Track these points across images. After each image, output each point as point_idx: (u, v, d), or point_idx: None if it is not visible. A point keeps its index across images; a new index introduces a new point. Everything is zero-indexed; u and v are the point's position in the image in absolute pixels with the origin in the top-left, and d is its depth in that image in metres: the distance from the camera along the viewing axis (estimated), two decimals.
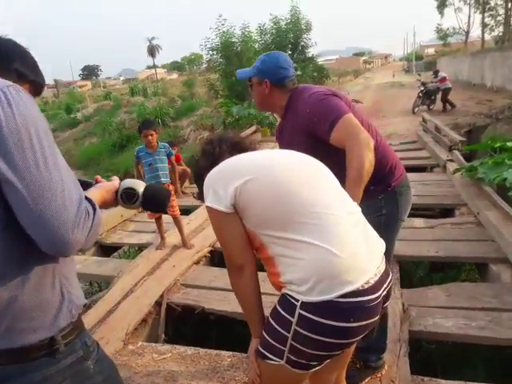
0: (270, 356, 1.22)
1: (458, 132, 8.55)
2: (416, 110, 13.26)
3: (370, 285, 1.16)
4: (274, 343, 1.21)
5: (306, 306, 1.13)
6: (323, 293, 1.12)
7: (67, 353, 0.94)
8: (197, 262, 3.81)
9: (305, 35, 18.65)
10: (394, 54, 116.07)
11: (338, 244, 1.15)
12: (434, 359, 2.61)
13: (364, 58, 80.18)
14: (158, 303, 3.12)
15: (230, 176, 1.24)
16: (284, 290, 1.21)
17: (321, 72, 20.42)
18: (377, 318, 1.21)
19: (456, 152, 6.35)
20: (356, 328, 1.16)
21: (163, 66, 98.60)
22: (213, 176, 1.29)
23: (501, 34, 32.89)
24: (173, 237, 4.25)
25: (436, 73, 13.99)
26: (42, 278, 0.90)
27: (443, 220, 4.39)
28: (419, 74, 16.23)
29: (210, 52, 15.74)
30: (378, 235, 1.32)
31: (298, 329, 1.14)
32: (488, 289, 2.94)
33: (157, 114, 17.17)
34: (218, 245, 4.14)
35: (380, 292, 1.19)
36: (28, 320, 0.88)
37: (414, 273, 4.01)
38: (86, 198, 0.91)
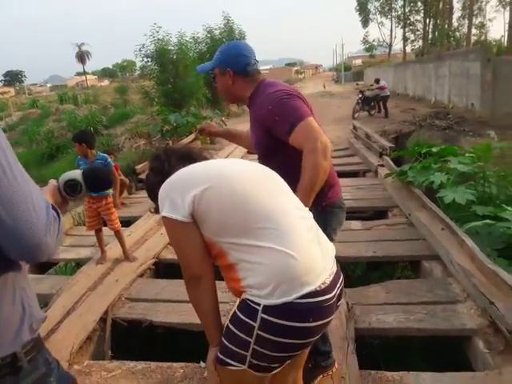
0: (232, 362, 1.23)
1: (387, 138, 9.13)
2: (356, 115, 14.22)
3: (326, 285, 1.22)
4: (236, 349, 1.22)
5: (267, 309, 1.16)
6: (283, 295, 1.15)
7: (30, 370, 0.90)
8: (141, 275, 3.70)
9: None
10: (324, 64, 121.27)
11: (295, 248, 1.19)
12: (378, 353, 2.75)
13: (296, 68, 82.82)
14: (103, 319, 2.98)
15: (187, 184, 1.24)
16: (244, 296, 1.22)
17: None
18: (332, 317, 1.27)
19: (386, 157, 6.77)
20: (315, 327, 1.21)
21: (93, 73, 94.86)
22: (168, 186, 1.28)
23: (420, 47, 35.68)
24: (114, 250, 4.09)
25: (377, 81, 15.22)
26: (2, 291, 0.87)
27: (378, 222, 4.65)
28: (357, 84, 17.28)
29: (145, 59, 15.43)
30: (328, 239, 1.39)
31: (261, 333, 1.17)
32: (422, 284, 3.17)
33: (89, 122, 16.48)
34: (163, 255, 4.08)
35: (334, 291, 1.25)
36: None
37: (352, 272, 4.21)
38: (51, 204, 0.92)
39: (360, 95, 14.58)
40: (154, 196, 1.38)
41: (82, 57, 76.91)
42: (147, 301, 3.22)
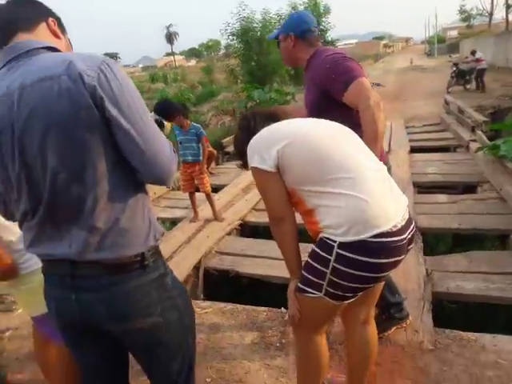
0: (310, 290, 1.41)
1: (482, 114, 8.53)
2: (450, 89, 13.39)
3: (398, 228, 1.34)
4: (314, 279, 1.39)
5: (342, 245, 1.32)
6: (357, 234, 1.30)
7: (153, 268, 1.16)
8: (229, 234, 4.06)
9: (323, 19, 18.54)
10: (415, 37, 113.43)
11: (369, 194, 1.33)
12: (456, 318, 2.79)
13: (384, 41, 78.60)
14: (196, 268, 3.38)
15: (271, 141, 1.42)
16: (322, 235, 1.39)
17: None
18: (403, 257, 1.40)
19: (479, 132, 6.39)
20: (385, 264, 1.34)
21: (181, 53, 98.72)
22: (255, 142, 1.46)
23: None
24: (205, 211, 4.50)
25: (473, 53, 13.97)
26: (136, 206, 1.12)
27: (466, 196, 4.51)
28: (450, 56, 16.14)
29: (230, 37, 15.81)
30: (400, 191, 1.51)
31: (336, 265, 1.34)
32: (508, 256, 3.10)
33: (178, 99, 17.38)
34: (248, 218, 4.40)
35: (405, 235, 1.37)
36: (127, 238, 1.10)
37: (436, 247, 4.17)
38: None
39: (454, 68, 13.62)
40: (240, 152, 1.58)
41: (170, 38, 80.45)
42: (234, 255, 3.56)
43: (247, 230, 4.40)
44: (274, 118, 1.58)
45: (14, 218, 1.16)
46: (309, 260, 1.44)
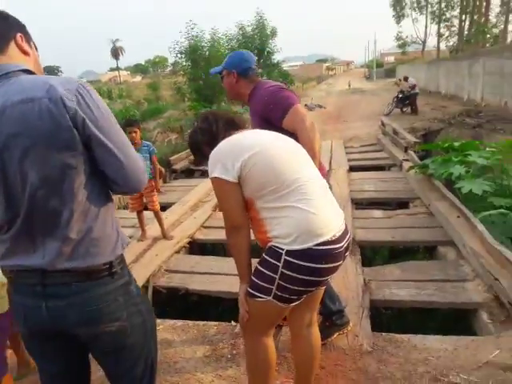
0: (259, 294, 1.55)
1: (415, 135, 9.26)
2: (392, 112, 14.50)
3: (336, 237, 1.53)
4: (264, 284, 1.54)
5: (289, 253, 1.48)
6: (303, 243, 1.47)
7: (120, 275, 1.25)
8: (177, 252, 4.10)
9: (270, 41, 19.21)
10: (355, 61, 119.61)
11: (316, 208, 1.51)
12: (391, 321, 3.04)
13: (327, 64, 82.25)
14: (145, 287, 3.39)
15: (236, 153, 1.51)
16: (270, 244, 1.54)
17: (285, 78, 21.05)
18: (341, 262, 1.58)
19: (411, 152, 6.95)
20: (327, 268, 1.52)
21: (126, 69, 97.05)
22: (220, 153, 1.54)
23: (455, 44, 34.80)
24: (153, 230, 4.52)
25: (406, 79, 15.22)
26: (106, 215, 1.21)
27: (399, 211, 4.90)
28: (400, 80, 17.29)
29: (179, 55, 15.92)
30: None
31: (284, 270, 1.49)
32: (435, 265, 3.43)
33: (123, 116, 17.14)
34: (197, 236, 4.47)
35: (343, 243, 1.56)
36: (98, 247, 1.18)
37: (373, 259, 4.47)
38: None
39: (400, 95, 14.76)
40: (197, 151, 1.71)
41: (116, 53, 78.95)
42: (184, 272, 3.61)
43: (196, 247, 4.46)
44: (234, 125, 1.69)
45: None
46: (258, 267, 1.58)
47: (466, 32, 33.38)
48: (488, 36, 31.16)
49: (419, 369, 2.23)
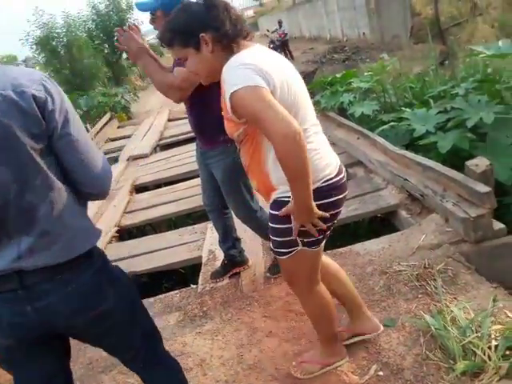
0: (289, 250, 1.55)
1: None
2: None
3: (338, 170, 1.56)
4: (286, 238, 1.53)
5: None
6: (312, 184, 1.38)
7: (97, 257, 1.26)
8: (110, 242, 3.98)
9: (129, 15, 18.16)
10: None
11: (320, 148, 1.52)
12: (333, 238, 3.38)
13: None
14: None
15: (271, 72, 1.36)
16: (275, 196, 1.52)
17: (155, 50, 20.21)
18: (347, 192, 1.61)
19: None
20: (337, 201, 1.54)
21: None
22: (255, 62, 1.36)
23: None
24: None
25: (280, 23, 15.69)
26: (83, 211, 1.23)
27: None
28: (268, 31, 17.53)
29: (33, 47, 14.27)
30: None
31: None
32: (350, 184, 3.79)
33: None
34: (123, 223, 4.35)
35: (343, 174, 1.59)
36: (76, 240, 1.18)
37: None
38: None
39: (271, 45, 15.01)
40: (185, 35, 1.44)
41: None
42: (123, 259, 3.54)
43: (125, 233, 4.36)
44: (244, 32, 1.53)
45: None
46: (271, 225, 1.58)
47: None
48: None
49: (367, 269, 2.55)
